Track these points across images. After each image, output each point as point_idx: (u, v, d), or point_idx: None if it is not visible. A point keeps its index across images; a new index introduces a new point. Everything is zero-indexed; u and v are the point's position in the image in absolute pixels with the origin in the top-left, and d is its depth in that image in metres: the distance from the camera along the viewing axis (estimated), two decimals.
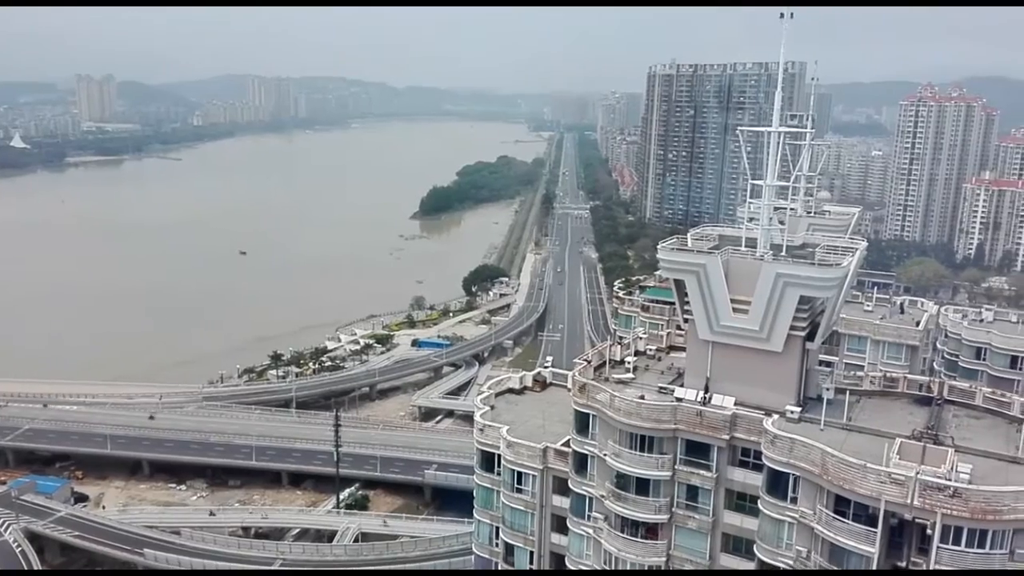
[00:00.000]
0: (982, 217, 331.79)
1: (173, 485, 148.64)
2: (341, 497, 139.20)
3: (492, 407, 68.24)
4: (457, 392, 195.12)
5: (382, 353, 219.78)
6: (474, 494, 67.30)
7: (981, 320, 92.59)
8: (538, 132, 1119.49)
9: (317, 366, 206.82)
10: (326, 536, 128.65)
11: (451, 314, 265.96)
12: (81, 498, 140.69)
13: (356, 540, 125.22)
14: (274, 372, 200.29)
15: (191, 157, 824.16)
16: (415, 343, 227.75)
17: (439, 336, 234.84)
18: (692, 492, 54.21)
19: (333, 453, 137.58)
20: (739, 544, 53.70)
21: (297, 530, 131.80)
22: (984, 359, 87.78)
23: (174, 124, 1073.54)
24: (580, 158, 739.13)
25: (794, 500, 48.81)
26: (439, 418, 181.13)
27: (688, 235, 59.13)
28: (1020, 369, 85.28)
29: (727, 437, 52.05)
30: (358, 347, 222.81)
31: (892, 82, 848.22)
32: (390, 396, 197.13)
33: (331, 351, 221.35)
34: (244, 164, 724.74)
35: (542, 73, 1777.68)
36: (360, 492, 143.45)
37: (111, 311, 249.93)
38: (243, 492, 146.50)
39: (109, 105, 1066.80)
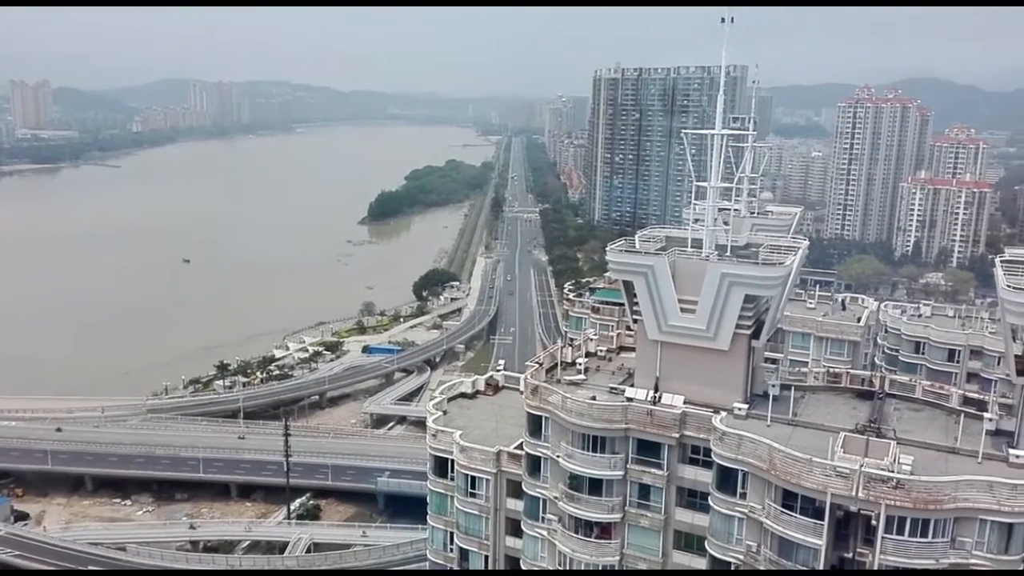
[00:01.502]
0: (918, 215, 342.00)
1: (118, 500, 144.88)
2: (292, 507, 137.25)
3: (445, 412, 67.98)
4: (409, 398, 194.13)
5: (332, 360, 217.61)
6: (427, 500, 66.97)
7: (919, 315, 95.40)
8: (486, 136, 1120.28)
9: (265, 375, 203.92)
10: (277, 548, 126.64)
11: (402, 319, 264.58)
12: (21, 516, 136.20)
13: (308, 551, 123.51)
14: (221, 382, 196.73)
15: (131, 164, 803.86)
16: (366, 349, 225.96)
17: (390, 342, 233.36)
18: (644, 491, 54.73)
19: (283, 463, 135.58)
20: (691, 541, 54.37)
21: (247, 542, 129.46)
22: (923, 353, 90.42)
23: (113, 131, 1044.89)
24: (528, 161, 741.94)
25: (743, 495, 49.62)
26: (391, 424, 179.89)
27: (636, 237, 59.79)
28: (957, 362, 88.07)
29: (677, 435, 52.70)
30: (307, 355, 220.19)
31: (831, 84, 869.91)
32: (341, 404, 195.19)
33: (279, 360, 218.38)
34: (186, 170, 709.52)
35: (489, 77, 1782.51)
36: (311, 502, 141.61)
37: (48, 324, 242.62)
38: (191, 505, 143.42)
39: (44, 111, 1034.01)
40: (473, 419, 67.14)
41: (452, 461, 62.82)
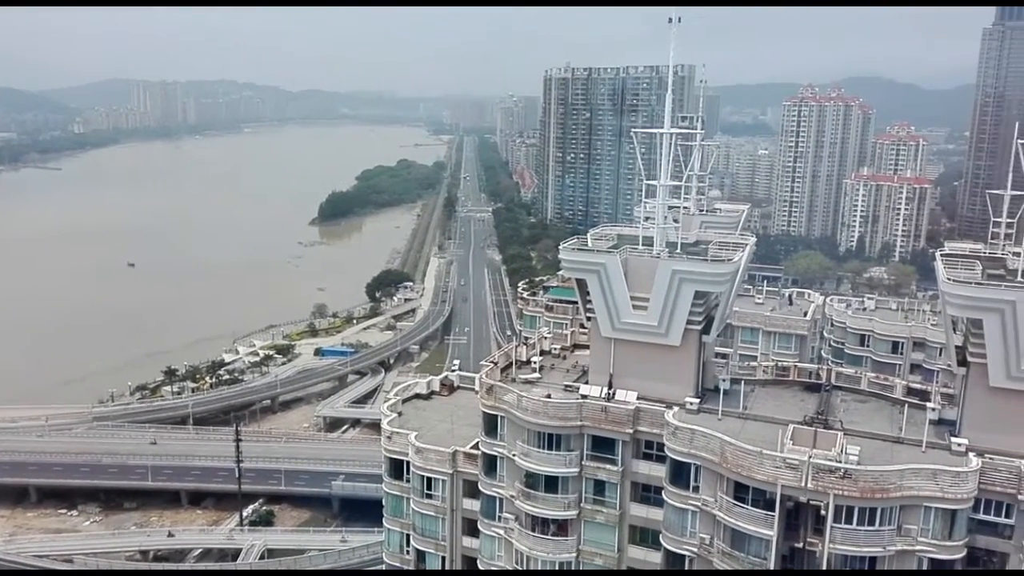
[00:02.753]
0: (862, 211, 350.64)
1: (64, 511, 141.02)
2: (244, 514, 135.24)
3: (399, 414, 67.66)
4: (363, 400, 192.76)
5: (283, 364, 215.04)
6: (383, 503, 66.58)
7: (864, 309, 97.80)
8: (438, 135, 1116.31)
9: (214, 380, 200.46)
10: (230, 555, 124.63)
11: (355, 321, 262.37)
12: None
13: (262, 557, 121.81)
14: (169, 388, 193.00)
15: (72, 166, 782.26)
16: (318, 352, 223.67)
17: (343, 344, 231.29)
18: (599, 487, 55.20)
19: (235, 469, 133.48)
20: (645, 535, 55.00)
21: (199, 550, 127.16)
22: (868, 345, 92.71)
23: (54, 132, 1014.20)
24: (481, 161, 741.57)
25: (696, 489, 50.36)
26: (345, 428, 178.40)
27: (588, 235, 60.24)
28: (901, 354, 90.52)
29: (631, 431, 53.25)
30: (258, 359, 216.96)
31: (776, 83, 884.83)
32: (293, 407, 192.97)
33: (229, 364, 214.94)
34: (130, 172, 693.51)
35: (440, 76, 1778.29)
36: (264, 508, 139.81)
37: None
38: (140, 514, 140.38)
39: None
40: (428, 420, 66.95)
41: (407, 463, 62.55)
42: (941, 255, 53.08)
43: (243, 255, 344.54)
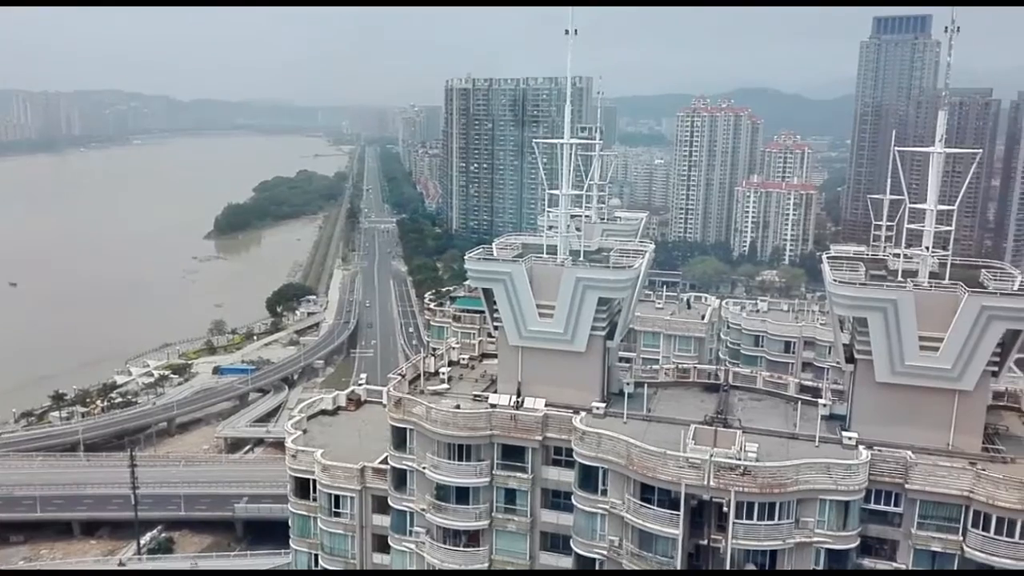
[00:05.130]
0: (753, 217, 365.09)
1: None
2: (142, 542, 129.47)
3: (304, 431, 66.27)
4: (266, 419, 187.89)
5: (180, 384, 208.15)
6: (289, 523, 64.97)
7: (757, 311, 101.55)
8: (338, 145, 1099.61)
9: (106, 404, 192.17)
10: None
11: (255, 337, 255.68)
12: None
13: None
14: (57, 414, 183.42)
15: None
16: (217, 370, 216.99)
17: (243, 361, 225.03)
18: (510, 495, 55.50)
19: (131, 496, 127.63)
20: (556, 541, 55.62)
21: None
22: (762, 346, 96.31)
23: None
24: (383, 171, 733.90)
25: (604, 492, 51.27)
26: (248, 448, 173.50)
27: (493, 245, 60.63)
28: (793, 353, 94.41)
29: (540, 438, 53.77)
30: (152, 379, 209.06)
31: (670, 95, 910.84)
32: (192, 429, 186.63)
33: (121, 386, 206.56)
34: (11, 187, 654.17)
35: (339, 85, 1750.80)
36: (164, 535, 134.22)
37: None
38: (28, 548, 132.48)
39: None
40: (335, 436, 65.85)
41: (314, 481, 61.33)
42: (827, 258, 55.87)
43: (134, 272, 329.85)
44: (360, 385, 74.89)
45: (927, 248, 51.61)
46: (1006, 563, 45.23)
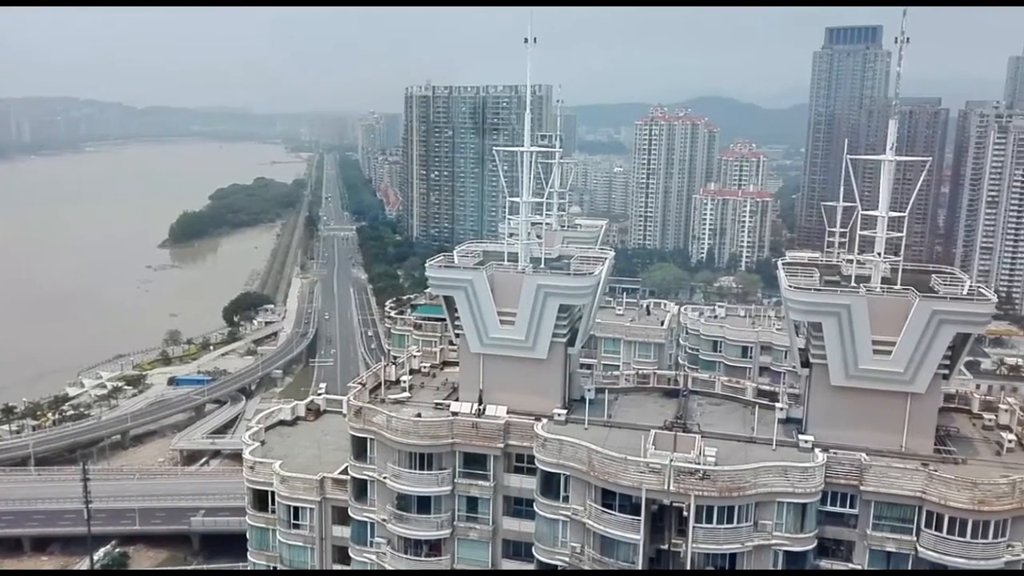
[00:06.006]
0: (710, 224, 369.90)
1: None
2: (95, 558, 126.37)
3: (262, 442, 65.34)
4: (223, 430, 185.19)
5: (134, 396, 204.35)
6: (247, 536, 63.94)
7: (715, 316, 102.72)
8: (297, 153, 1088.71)
9: (58, 416, 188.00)
10: None
11: (212, 347, 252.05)
12: None
13: None
14: (6, 427, 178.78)
15: None
16: (172, 381, 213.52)
17: (199, 372, 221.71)
18: (472, 503, 55.31)
19: (83, 510, 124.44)
20: (518, 548, 55.52)
21: None
22: (720, 351, 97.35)
23: None
24: (343, 178, 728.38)
25: (566, 499, 51.35)
26: (204, 460, 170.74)
27: (454, 252, 60.53)
28: (750, 358, 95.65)
29: (502, 445, 53.70)
30: (105, 391, 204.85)
31: (628, 103, 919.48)
32: (147, 441, 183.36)
33: (73, 398, 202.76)
34: None
35: (297, 92, 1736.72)
36: (117, 550, 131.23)
37: None
38: None
39: None
40: (294, 447, 65.04)
41: (272, 493, 60.48)
42: (783, 264, 56.79)
43: (87, 281, 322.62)
44: (319, 395, 74.16)
45: (879, 254, 52.70)
46: (959, 562, 46.24)
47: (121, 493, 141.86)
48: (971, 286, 50.87)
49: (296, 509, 59.94)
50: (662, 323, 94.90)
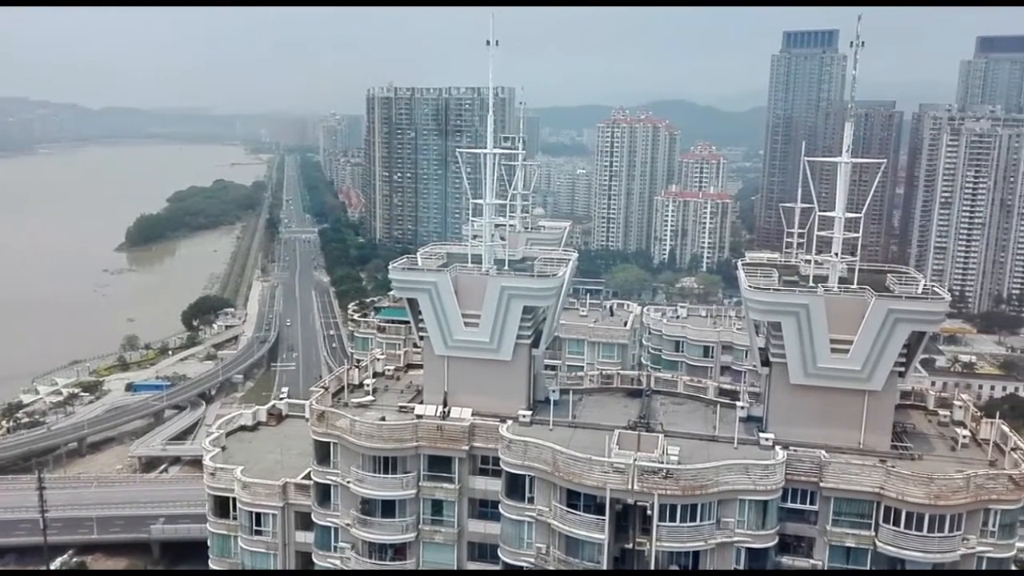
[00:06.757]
0: (672, 225, 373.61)
1: None
2: (52, 567, 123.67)
3: (223, 448, 64.49)
4: (183, 436, 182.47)
5: (91, 402, 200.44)
6: (208, 543, 63.02)
7: (677, 317, 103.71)
8: (257, 154, 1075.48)
9: (12, 424, 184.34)
10: None
11: (171, 352, 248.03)
12: None
13: None
14: None
15: None
16: (130, 387, 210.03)
17: (158, 377, 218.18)
18: (437, 506, 55.13)
19: (39, 520, 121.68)
20: (484, 550, 55.48)
21: None
22: (682, 351, 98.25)
23: None
24: (304, 180, 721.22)
25: (531, 500, 51.45)
26: (164, 466, 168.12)
27: (418, 254, 60.33)
28: (711, 357, 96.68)
29: (467, 448, 53.61)
30: (61, 398, 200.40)
31: (590, 106, 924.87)
32: (104, 448, 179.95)
33: (28, 405, 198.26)
34: None
35: (257, 93, 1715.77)
36: (75, 559, 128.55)
37: None
38: None
39: None
40: (255, 452, 64.29)
41: (234, 499, 59.70)
42: (742, 264, 57.54)
43: (41, 286, 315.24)
44: (281, 399, 73.36)
45: (836, 254, 53.63)
46: (916, 556, 47.22)
47: (78, 501, 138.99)
48: (925, 285, 52.01)
49: (258, 515, 59.22)
50: (625, 324, 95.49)
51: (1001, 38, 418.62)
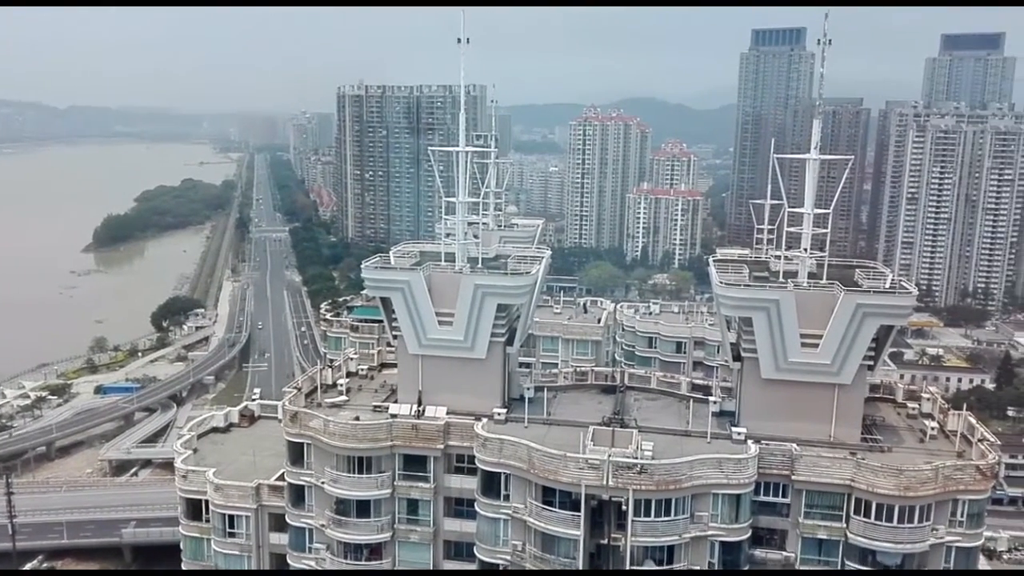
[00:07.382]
0: (644, 223, 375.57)
1: None
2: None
3: (195, 450, 63.84)
4: (154, 439, 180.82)
5: (59, 405, 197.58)
6: (181, 547, 62.37)
7: (650, 313, 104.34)
8: (226, 153, 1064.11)
9: None
10: None
11: (140, 354, 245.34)
12: None
13: None
14: None
15: None
16: (99, 390, 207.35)
17: (127, 379, 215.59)
18: (412, 506, 55.00)
19: (7, 526, 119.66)
20: (460, 549, 55.48)
21: None
22: (655, 347, 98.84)
23: None
24: (274, 179, 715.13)
25: (507, 497, 51.51)
26: (135, 470, 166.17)
27: (391, 253, 60.09)
28: (684, 353, 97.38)
29: (442, 446, 53.54)
30: (28, 401, 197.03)
31: (561, 104, 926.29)
32: (73, 452, 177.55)
33: None
34: None
35: (225, 91, 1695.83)
36: (45, 565, 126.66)
37: None
38: None
39: None
40: (228, 454, 63.74)
41: (206, 502, 59.13)
42: (714, 261, 58.01)
43: (5, 287, 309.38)
44: (254, 400, 72.78)
45: (805, 250, 54.28)
46: (886, 547, 47.95)
47: (47, 506, 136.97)
48: (893, 280, 52.80)
49: (231, 517, 58.71)
50: (599, 321, 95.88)
51: (965, 36, 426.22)
